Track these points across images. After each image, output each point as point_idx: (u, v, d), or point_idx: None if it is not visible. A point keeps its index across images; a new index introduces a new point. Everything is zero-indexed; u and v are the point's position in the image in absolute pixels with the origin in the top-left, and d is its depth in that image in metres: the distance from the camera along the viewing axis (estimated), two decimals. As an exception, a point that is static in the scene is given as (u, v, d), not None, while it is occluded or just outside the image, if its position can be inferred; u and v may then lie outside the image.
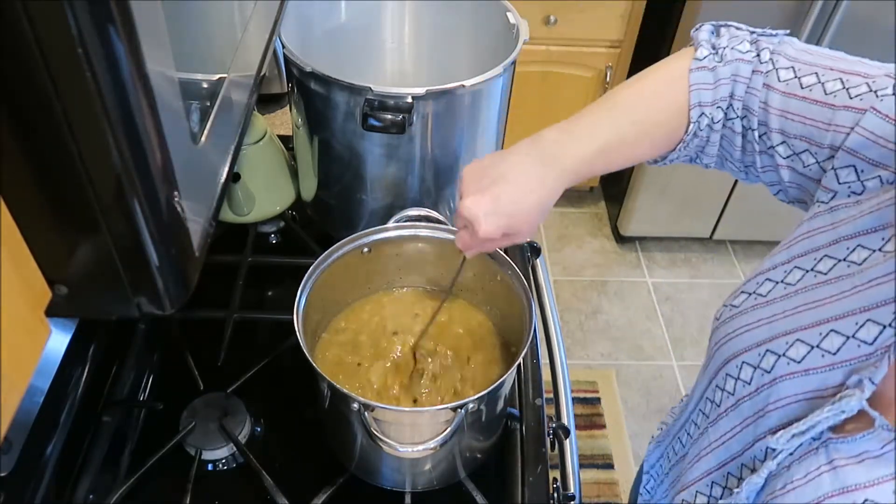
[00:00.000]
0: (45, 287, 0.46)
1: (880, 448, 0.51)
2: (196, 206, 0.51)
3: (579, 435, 2.03)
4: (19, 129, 0.39)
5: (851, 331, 0.56)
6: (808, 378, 0.58)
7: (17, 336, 0.42)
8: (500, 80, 0.96)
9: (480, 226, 0.67)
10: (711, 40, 0.71)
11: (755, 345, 0.63)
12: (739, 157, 0.71)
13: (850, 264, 0.58)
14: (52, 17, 0.35)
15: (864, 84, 0.61)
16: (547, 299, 1.14)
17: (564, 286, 2.44)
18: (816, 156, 0.64)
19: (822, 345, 0.57)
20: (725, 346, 0.66)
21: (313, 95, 0.94)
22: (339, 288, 0.91)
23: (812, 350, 0.58)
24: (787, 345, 0.60)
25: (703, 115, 0.69)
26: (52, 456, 0.81)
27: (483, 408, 0.79)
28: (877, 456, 0.51)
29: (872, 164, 0.59)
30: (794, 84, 0.65)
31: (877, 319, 0.54)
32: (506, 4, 1.04)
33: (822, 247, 0.62)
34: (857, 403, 0.53)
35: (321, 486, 0.86)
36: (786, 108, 0.65)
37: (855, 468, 0.52)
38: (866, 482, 0.51)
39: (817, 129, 0.63)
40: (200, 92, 0.53)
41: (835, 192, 0.63)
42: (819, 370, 0.57)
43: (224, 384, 0.94)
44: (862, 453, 0.52)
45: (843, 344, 0.56)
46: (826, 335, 0.57)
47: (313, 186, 1.09)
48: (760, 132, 0.67)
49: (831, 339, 0.57)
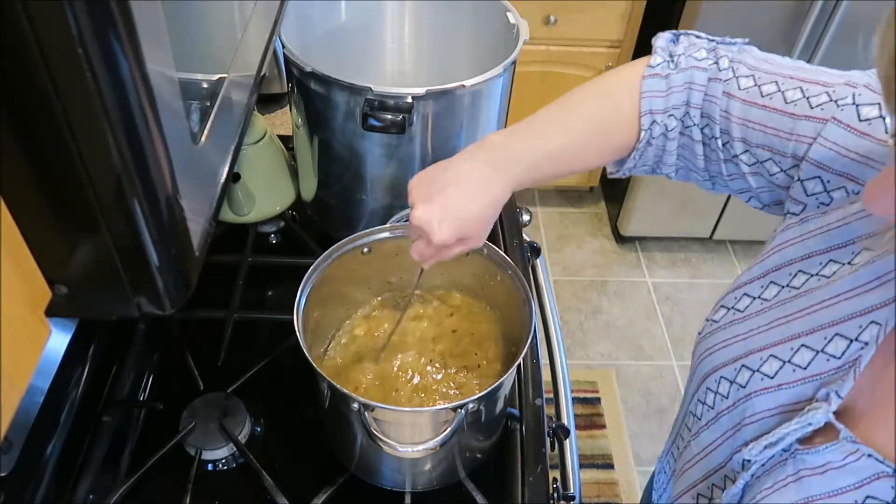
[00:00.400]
0: (45, 287, 0.46)
1: (842, 459, 0.52)
2: (196, 206, 0.51)
3: (579, 435, 2.03)
4: (19, 129, 0.39)
5: (821, 345, 0.56)
6: (780, 393, 0.59)
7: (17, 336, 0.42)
8: (500, 80, 0.96)
9: (434, 234, 0.68)
10: (668, 48, 0.70)
11: (732, 360, 0.63)
12: (703, 167, 0.71)
13: (821, 278, 0.59)
14: (52, 17, 0.35)
15: (824, 93, 0.61)
16: (547, 299, 1.14)
17: (564, 286, 2.44)
18: (780, 164, 0.64)
19: (794, 360, 0.58)
20: (706, 360, 0.67)
21: (313, 95, 0.94)
22: (339, 288, 0.91)
23: (784, 365, 0.59)
24: (762, 360, 0.60)
25: (654, 123, 0.69)
26: (52, 456, 0.81)
27: (483, 408, 0.79)
28: (838, 467, 0.52)
29: (837, 174, 0.60)
30: (755, 92, 0.65)
31: (844, 334, 0.55)
32: (506, 4, 1.04)
33: (795, 261, 0.62)
34: (822, 416, 0.53)
35: (321, 486, 0.86)
36: (747, 116, 0.65)
37: (818, 479, 0.53)
38: (829, 492, 0.52)
39: (779, 138, 0.63)
40: (200, 92, 0.53)
41: (804, 203, 0.63)
42: (791, 385, 0.58)
43: (224, 384, 0.94)
44: (825, 464, 0.53)
45: (812, 358, 0.57)
46: (797, 350, 0.58)
47: (313, 186, 1.09)
48: (723, 140, 0.67)
49: (802, 353, 0.58)
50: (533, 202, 2.71)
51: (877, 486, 0.50)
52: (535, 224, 2.63)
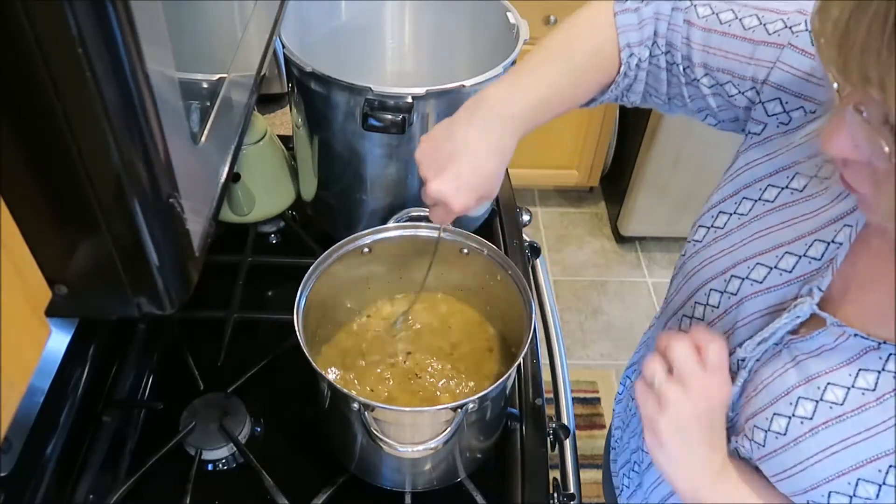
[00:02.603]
0: (45, 287, 0.46)
1: (833, 341, 0.58)
2: (196, 206, 0.51)
3: (579, 435, 2.03)
4: (19, 129, 0.39)
5: (803, 251, 0.63)
6: (769, 294, 0.65)
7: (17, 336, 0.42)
8: (500, 80, 0.96)
9: (453, 203, 0.70)
10: None
11: (720, 272, 0.69)
12: (665, 91, 0.75)
13: (793, 191, 0.66)
14: (52, 17, 0.35)
15: (779, 20, 0.66)
16: (547, 299, 1.14)
17: (564, 286, 2.44)
18: (739, 87, 0.69)
19: (780, 265, 0.65)
20: (693, 277, 0.72)
21: (313, 95, 0.94)
22: (340, 288, 0.91)
23: (771, 271, 0.65)
24: (749, 268, 0.67)
25: (632, 56, 0.73)
26: (52, 456, 0.81)
27: (483, 408, 0.79)
28: (832, 348, 0.58)
29: (795, 95, 0.65)
30: (713, 20, 0.69)
31: (822, 238, 0.62)
32: (506, 4, 1.04)
33: (765, 177, 0.68)
34: (808, 308, 0.60)
35: (321, 486, 0.86)
36: (707, 42, 0.69)
37: (815, 360, 0.59)
38: (826, 369, 0.58)
39: (738, 62, 0.68)
40: (200, 92, 0.53)
41: (765, 123, 0.69)
42: (778, 287, 0.64)
43: (224, 384, 0.94)
44: (819, 348, 0.59)
45: (796, 262, 0.64)
46: (782, 257, 0.65)
47: (313, 186, 1.09)
48: (684, 66, 0.72)
49: (787, 259, 0.64)
50: (533, 202, 2.71)
51: (865, 358, 0.57)
52: (535, 224, 2.63)
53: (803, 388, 0.60)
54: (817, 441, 0.58)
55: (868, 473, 0.55)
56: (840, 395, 0.57)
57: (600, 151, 2.44)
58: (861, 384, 0.57)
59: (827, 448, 0.57)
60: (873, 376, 0.56)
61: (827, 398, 0.58)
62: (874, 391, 0.56)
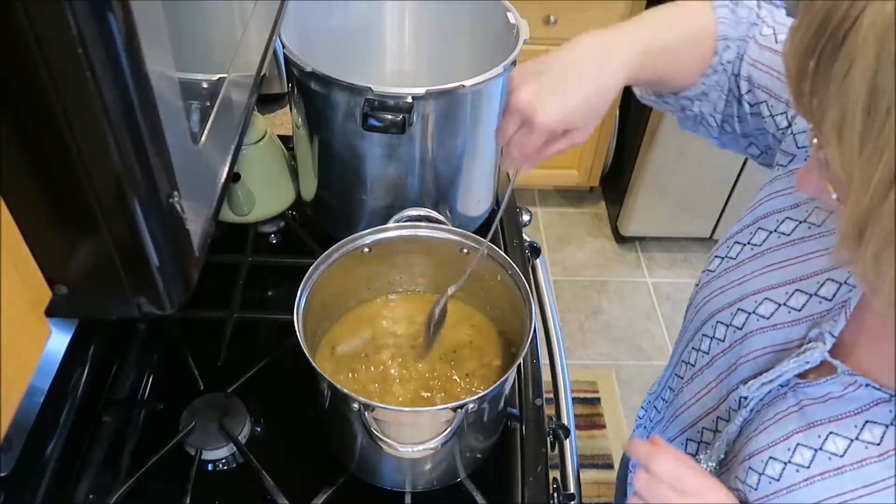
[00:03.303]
0: (45, 287, 0.46)
1: (842, 390, 0.56)
2: (196, 206, 0.51)
3: (579, 435, 2.03)
4: (19, 129, 0.39)
5: (814, 289, 0.61)
6: (776, 332, 0.63)
7: (17, 336, 0.42)
8: (500, 80, 0.96)
9: (538, 114, 0.62)
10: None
11: (728, 305, 0.67)
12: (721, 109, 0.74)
13: (811, 226, 0.64)
14: (52, 17, 0.35)
15: None
16: (547, 299, 1.14)
17: (564, 286, 2.44)
18: (772, 109, 0.68)
19: (789, 303, 0.63)
20: (703, 308, 0.71)
21: (313, 95, 0.94)
22: (340, 288, 0.91)
23: (780, 307, 0.63)
24: (757, 303, 0.65)
25: (727, 49, 0.70)
26: (52, 456, 0.81)
27: (483, 408, 0.79)
28: (839, 396, 0.56)
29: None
30: (771, 38, 0.69)
31: (836, 279, 0.60)
32: (506, 4, 1.04)
33: (784, 209, 0.66)
34: (819, 355, 0.58)
35: (321, 486, 0.86)
36: (758, 58, 0.69)
37: (820, 407, 0.57)
38: (830, 417, 0.56)
39: (779, 80, 0.67)
40: (200, 92, 0.53)
41: (793, 155, 0.67)
42: (785, 325, 0.62)
43: (224, 384, 0.94)
44: (826, 394, 0.57)
45: (806, 301, 0.62)
46: (792, 294, 0.63)
47: (313, 186, 1.09)
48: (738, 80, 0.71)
49: (797, 297, 0.62)
50: (533, 202, 2.71)
51: (875, 410, 0.54)
52: (535, 224, 2.63)
53: (803, 434, 0.58)
54: (810, 492, 0.56)
55: None
56: (842, 446, 0.55)
57: (600, 151, 2.44)
58: (866, 437, 0.54)
59: (820, 501, 0.55)
60: (880, 430, 0.53)
61: (827, 448, 0.56)
62: (878, 445, 0.53)
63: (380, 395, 0.87)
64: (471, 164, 1.04)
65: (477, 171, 1.07)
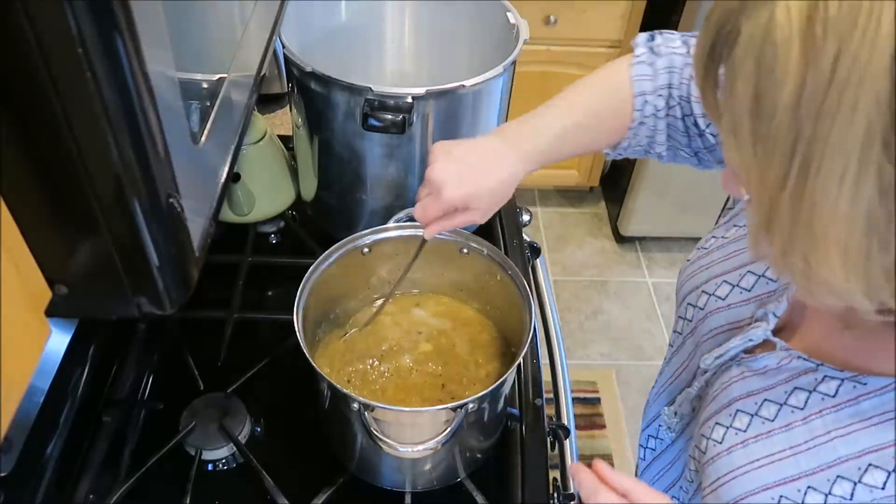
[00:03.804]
0: (45, 287, 0.46)
1: (777, 363, 0.61)
2: (196, 206, 0.51)
3: (579, 435, 2.03)
4: (19, 129, 0.39)
5: (762, 271, 0.67)
6: (729, 311, 0.69)
7: (17, 336, 0.42)
8: (500, 80, 0.96)
9: (446, 188, 0.72)
10: (647, 43, 0.79)
11: (695, 287, 0.74)
12: (687, 143, 0.79)
13: None
14: (52, 17, 0.35)
15: None
16: (547, 299, 1.14)
17: (564, 286, 2.44)
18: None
19: (741, 283, 0.68)
20: (679, 292, 0.77)
21: (313, 95, 0.94)
22: (339, 288, 0.91)
23: (734, 288, 0.69)
24: (717, 285, 0.71)
25: (646, 104, 0.77)
26: (52, 456, 0.81)
27: (483, 408, 0.79)
28: (774, 368, 0.61)
29: None
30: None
31: None
32: (506, 4, 1.04)
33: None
34: (762, 333, 0.62)
35: (321, 486, 0.86)
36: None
37: (758, 378, 0.62)
38: (765, 387, 0.61)
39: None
40: (200, 92, 0.53)
41: None
42: (738, 304, 0.68)
43: (224, 384, 0.94)
44: (764, 367, 0.62)
45: (755, 281, 0.67)
46: (744, 276, 0.68)
47: (313, 186, 1.09)
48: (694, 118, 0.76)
49: (748, 278, 0.68)
50: (533, 202, 2.71)
51: (803, 378, 0.58)
52: (535, 224, 2.63)
53: (743, 401, 0.62)
54: (746, 453, 0.60)
55: (789, 492, 0.56)
56: (773, 411, 0.59)
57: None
58: (792, 402, 0.58)
59: (754, 461, 0.59)
60: (804, 395, 0.58)
61: (761, 413, 0.60)
62: (802, 410, 0.57)
63: (380, 394, 0.87)
64: (471, 164, 1.04)
65: (477, 171, 1.07)
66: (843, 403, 0.55)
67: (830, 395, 0.56)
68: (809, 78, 0.38)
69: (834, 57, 0.37)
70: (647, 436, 0.84)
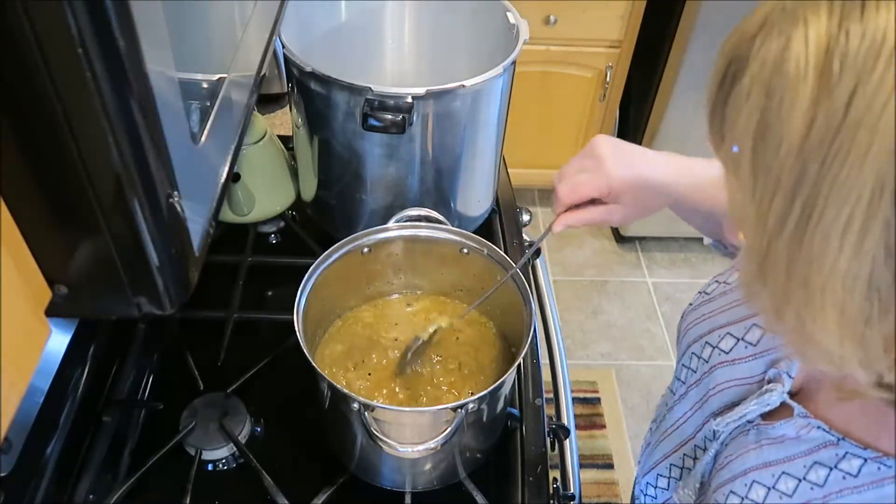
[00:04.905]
0: (45, 287, 0.46)
1: (796, 432, 0.57)
2: (196, 206, 0.51)
3: (579, 435, 2.03)
4: (19, 129, 0.39)
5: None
6: (734, 367, 0.65)
7: (17, 336, 0.42)
8: (500, 80, 0.96)
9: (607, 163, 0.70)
10: None
11: (698, 337, 0.71)
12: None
13: None
14: (52, 17, 0.35)
15: None
16: (547, 299, 1.14)
17: (564, 286, 2.44)
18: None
19: (746, 337, 0.65)
20: (683, 338, 0.74)
21: (313, 95, 0.94)
22: (340, 288, 0.91)
23: (738, 342, 0.66)
24: (720, 337, 0.67)
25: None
26: (52, 456, 0.81)
27: (483, 408, 0.79)
28: (793, 438, 0.58)
29: None
30: None
31: None
32: (506, 4, 1.04)
33: None
34: (778, 397, 0.60)
35: (321, 486, 0.86)
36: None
37: (776, 447, 0.59)
38: (783, 458, 0.58)
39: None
40: (200, 92, 0.53)
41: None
42: (744, 360, 0.65)
43: (224, 384, 0.94)
44: (782, 436, 0.59)
45: (761, 336, 0.64)
46: (749, 329, 0.65)
47: (313, 186, 1.09)
48: None
49: (753, 332, 0.65)
50: (533, 202, 2.71)
51: (823, 453, 0.55)
52: (535, 224, 2.63)
53: (759, 472, 0.59)
54: None
55: None
56: (791, 486, 0.56)
57: (600, 151, 2.44)
58: (812, 478, 0.55)
59: None
60: (825, 472, 0.54)
61: (779, 487, 0.57)
62: (822, 488, 0.54)
63: (380, 394, 0.87)
64: (471, 164, 1.04)
65: (477, 171, 1.07)
66: (866, 485, 0.52)
67: (853, 474, 0.53)
68: (821, 114, 0.35)
69: (849, 95, 0.34)
70: (647, 483, 0.81)
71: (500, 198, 1.20)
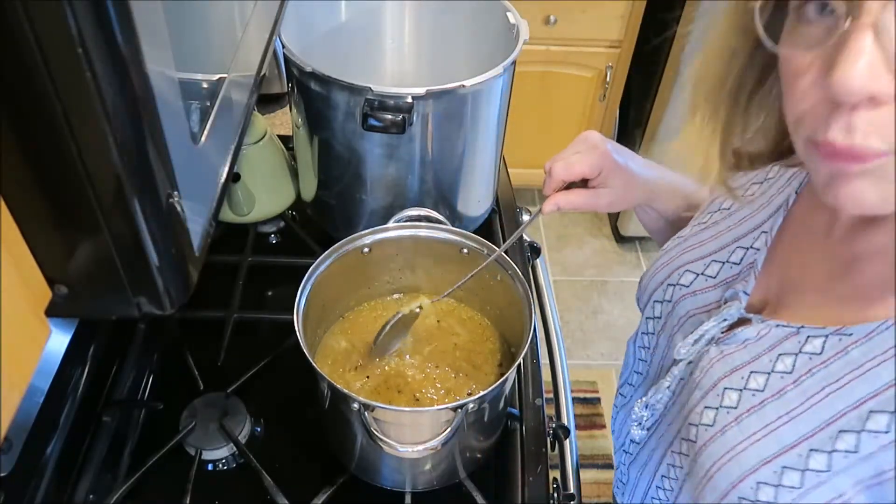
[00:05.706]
0: (45, 287, 0.46)
1: (756, 334, 0.61)
2: (196, 206, 0.51)
3: (579, 435, 2.03)
4: (19, 129, 0.39)
5: (726, 258, 0.69)
6: (696, 297, 0.70)
7: (17, 336, 0.42)
8: (500, 80, 0.96)
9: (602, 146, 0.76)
10: None
11: (659, 284, 0.75)
12: None
13: (722, 210, 0.74)
14: (52, 17, 0.35)
15: None
16: (547, 299, 1.14)
17: (564, 286, 2.44)
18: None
19: (706, 272, 0.70)
20: (644, 296, 0.79)
21: (313, 95, 0.94)
22: (339, 288, 0.91)
23: (698, 276, 0.71)
24: (679, 275, 0.73)
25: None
26: (52, 456, 0.81)
27: (483, 408, 0.79)
28: (754, 340, 0.61)
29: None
30: None
31: (743, 245, 0.68)
32: (506, 4, 1.04)
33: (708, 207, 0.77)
34: (735, 311, 0.63)
35: (321, 486, 0.86)
36: None
37: (739, 353, 0.62)
38: (748, 360, 0.60)
39: None
40: (200, 92, 0.53)
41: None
42: (704, 290, 0.70)
43: (224, 384, 0.94)
44: (745, 341, 0.62)
45: (720, 268, 0.69)
46: (708, 265, 0.71)
47: (313, 186, 1.09)
48: None
49: (712, 266, 0.70)
50: (533, 202, 2.71)
51: (786, 344, 0.58)
52: (535, 224, 2.63)
53: (728, 378, 0.61)
54: (741, 428, 0.58)
55: (791, 460, 0.54)
56: (761, 381, 0.58)
57: (600, 151, 2.44)
58: (780, 368, 0.57)
59: (751, 435, 0.57)
60: (791, 359, 0.57)
61: (750, 386, 0.59)
62: (791, 373, 0.56)
63: (380, 394, 0.87)
64: (471, 164, 1.04)
65: (477, 171, 1.07)
66: (831, 357, 0.54)
67: (817, 352, 0.55)
68: None
69: None
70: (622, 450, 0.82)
71: (500, 198, 1.20)
